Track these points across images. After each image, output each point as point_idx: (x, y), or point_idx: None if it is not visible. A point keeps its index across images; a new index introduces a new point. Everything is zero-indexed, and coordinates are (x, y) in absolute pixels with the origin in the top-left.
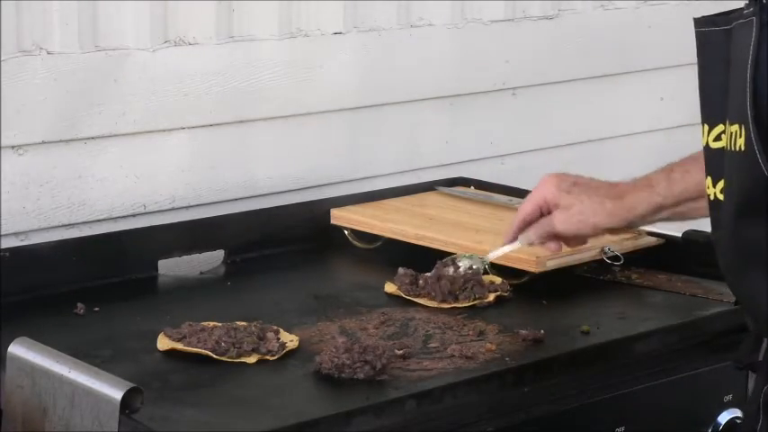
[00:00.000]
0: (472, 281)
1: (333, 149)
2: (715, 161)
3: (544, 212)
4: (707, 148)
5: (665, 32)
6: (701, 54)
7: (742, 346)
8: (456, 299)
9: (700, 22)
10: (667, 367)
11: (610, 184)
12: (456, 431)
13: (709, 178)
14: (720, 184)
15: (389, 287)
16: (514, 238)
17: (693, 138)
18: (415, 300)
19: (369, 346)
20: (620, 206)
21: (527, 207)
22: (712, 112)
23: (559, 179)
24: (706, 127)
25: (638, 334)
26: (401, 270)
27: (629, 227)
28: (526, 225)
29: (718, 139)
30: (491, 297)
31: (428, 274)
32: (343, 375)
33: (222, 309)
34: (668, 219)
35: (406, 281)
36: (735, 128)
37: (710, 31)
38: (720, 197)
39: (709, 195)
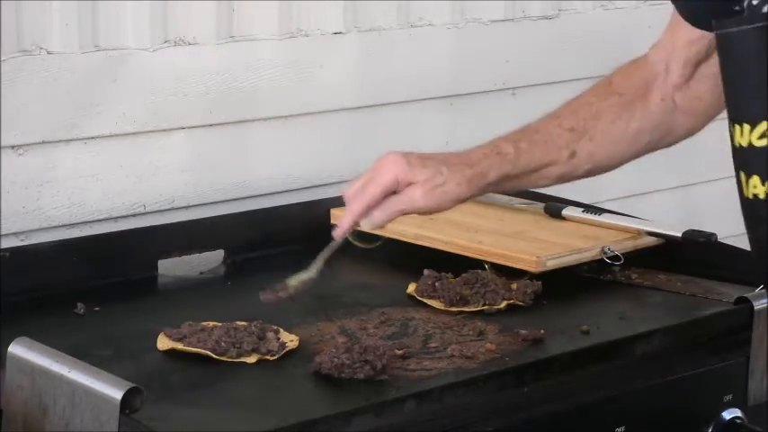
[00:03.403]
0: (484, 289)
1: (333, 149)
2: (762, 159)
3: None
4: (750, 147)
5: None
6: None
7: None
8: (466, 303)
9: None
10: (667, 367)
11: (456, 153)
12: (456, 431)
13: (756, 177)
14: None
15: (411, 287)
16: (353, 226)
17: (692, 138)
18: (426, 301)
19: (369, 346)
20: (477, 173)
21: (375, 189)
22: (753, 110)
23: (405, 155)
24: (746, 126)
25: (638, 334)
26: (426, 272)
27: (480, 195)
28: (369, 210)
29: (763, 136)
30: (502, 305)
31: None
32: (343, 375)
33: (222, 309)
34: (512, 188)
35: (429, 282)
36: None
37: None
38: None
39: (749, 195)
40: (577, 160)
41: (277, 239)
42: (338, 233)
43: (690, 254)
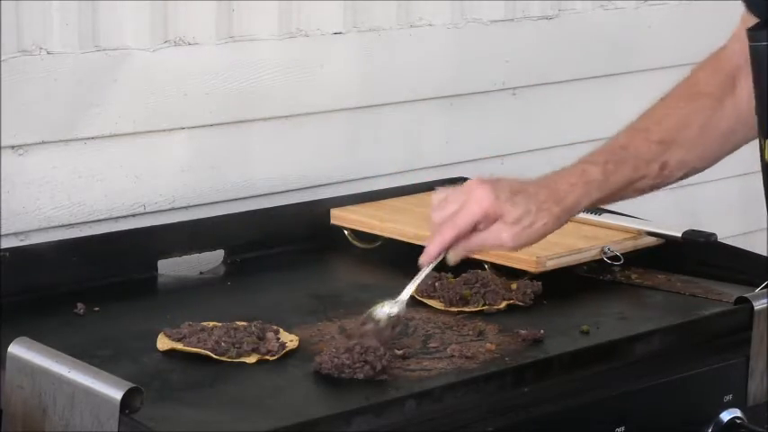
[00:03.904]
0: (484, 289)
1: (333, 149)
2: None
3: (478, 226)
4: None
5: (665, 32)
6: None
7: None
8: (466, 303)
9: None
10: (667, 367)
11: (544, 184)
12: (456, 431)
13: None
14: None
15: None
16: (438, 256)
17: None
18: (426, 301)
19: (369, 347)
20: (565, 210)
21: (465, 221)
22: None
23: (494, 187)
24: None
25: (638, 334)
26: None
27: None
28: (458, 240)
29: None
30: (502, 305)
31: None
32: (343, 375)
33: (222, 309)
34: (600, 206)
35: (429, 282)
36: None
37: None
38: None
39: None
40: (669, 170)
41: (277, 239)
42: (426, 260)
43: (690, 254)
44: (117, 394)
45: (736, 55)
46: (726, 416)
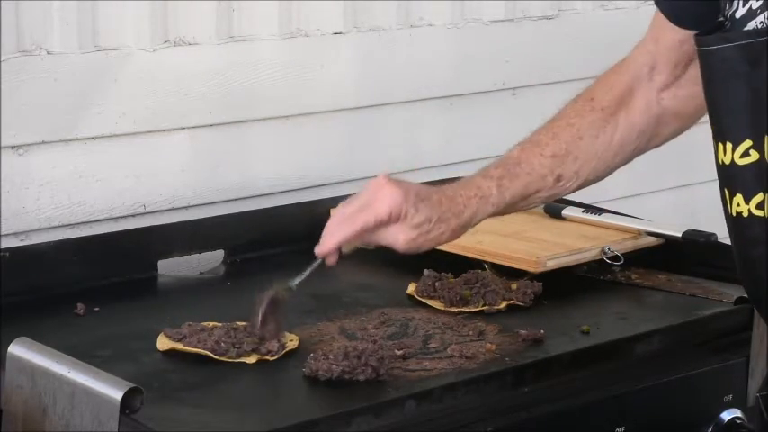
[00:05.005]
0: (484, 289)
1: (333, 149)
2: (745, 177)
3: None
4: (732, 165)
5: None
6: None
7: None
8: (466, 303)
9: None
10: (667, 367)
11: (447, 195)
12: (456, 431)
13: (739, 196)
14: (757, 199)
15: (411, 287)
16: (337, 249)
17: (691, 138)
18: (426, 301)
19: (365, 349)
20: (461, 225)
21: (368, 221)
22: (734, 129)
23: (403, 189)
24: (729, 144)
25: (638, 334)
26: (426, 272)
27: None
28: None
29: (746, 155)
30: (502, 305)
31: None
32: (345, 377)
33: (222, 309)
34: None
35: (428, 282)
36: None
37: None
38: (758, 213)
39: (733, 213)
40: (563, 183)
41: (277, 239)
42: (321, 251)
43: (690, 254)
44: (117, 394)
45: (640, 66)
46: (726, 416)
